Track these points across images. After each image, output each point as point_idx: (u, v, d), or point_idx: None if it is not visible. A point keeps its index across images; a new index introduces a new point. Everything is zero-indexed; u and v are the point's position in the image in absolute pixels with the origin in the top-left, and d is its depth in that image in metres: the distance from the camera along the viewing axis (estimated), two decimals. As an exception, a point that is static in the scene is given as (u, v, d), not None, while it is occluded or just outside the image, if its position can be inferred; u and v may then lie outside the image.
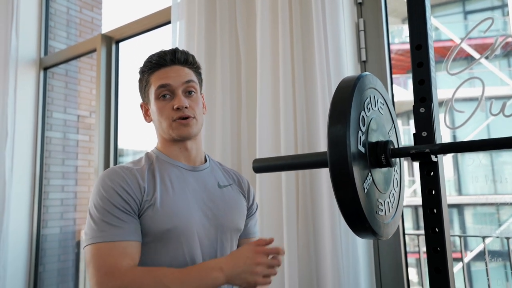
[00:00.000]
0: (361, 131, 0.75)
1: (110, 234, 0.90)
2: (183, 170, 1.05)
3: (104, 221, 0.91)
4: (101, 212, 0.92)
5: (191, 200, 1.01)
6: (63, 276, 3.04)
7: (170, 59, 1.04)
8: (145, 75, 1.07)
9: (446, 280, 0.76)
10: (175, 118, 1.02)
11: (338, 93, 0.76)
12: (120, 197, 0.93)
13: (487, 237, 1.94)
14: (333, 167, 0.69)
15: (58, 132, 3.09)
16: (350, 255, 1.38)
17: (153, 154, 1.07)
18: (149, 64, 1.06)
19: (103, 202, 0.93)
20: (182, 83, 1.03)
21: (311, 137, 1.47)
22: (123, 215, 0.93)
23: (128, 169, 0.99)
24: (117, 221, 0.92)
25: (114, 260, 0.88)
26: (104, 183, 0.95)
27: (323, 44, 1.45)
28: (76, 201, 3.21)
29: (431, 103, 0.82)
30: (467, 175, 6.95)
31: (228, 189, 1.11)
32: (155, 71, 1.05)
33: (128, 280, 0.86)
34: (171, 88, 1.02)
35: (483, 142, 0.72)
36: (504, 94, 5.76)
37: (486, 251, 1.88)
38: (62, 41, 3.17)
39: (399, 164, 0.96)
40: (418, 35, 0.85)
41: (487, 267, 1.63)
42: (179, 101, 1.01)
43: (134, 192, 0.95)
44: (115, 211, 0.92)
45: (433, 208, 0.79)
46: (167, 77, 1.03)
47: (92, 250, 0.90)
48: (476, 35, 1.38)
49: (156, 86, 1.03)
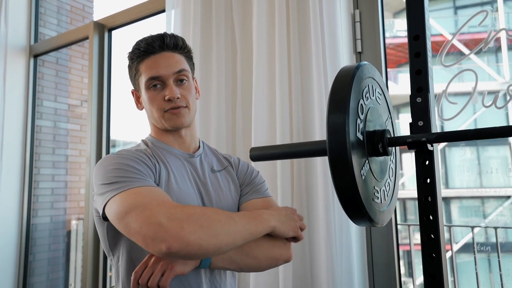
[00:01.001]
0: (360, 119, 0.76)
1: (139, 182, 0.84)
2: (180, 157, 1.03)
3: (121, 175, 0.85)
4: (119, 172, 0.86)
5: (189, 186, 1.00)
6: (53, 266, 3.03)
7: (159, 46, 1.00)
8: (134, 62, 1.03)
9: (440, 266, 0.78)
10: (167, 109, 0.99)
11: (338, 81, 0.76)
12: (136, 162, 0.90)
13: (476, 226, 1.98)
14: (332, 154, 0.71)
15: (48, 121, 3.05)
16: (343, 243, 1.40)
17: (149, 141, 1.05)
18: (137, 51, 1.01)
19: (120, 167, 0.88)
20: (173, 73, 1.00)
21: (306, 126, 1.48)
22: (145, 170, 0.89)
23: (137, 150, 0.97)
24: (138, 173, 0.87)
25: (154, 198, 0.80)
26: (111, 160, 0.91)
27: (319, 35, 1.45)
28: (66, 191, 3.18)
29: (427, 93, 0.83)
30: (454, 169, 7.07)
31: (221, 173, 1.09)
32: (144, 59, 1.00)
33: (189, 211, 0.78)
34: (162, 79, 0.99)
35: (478, 131, 0.74)
36: (492, 89, 5.85)
37: (475, 241, 1.92)
38: (52, 28, 3.12)
39: (395, 155, 0.97)
40: (416, 26, 0.86)
41: (475, 255, 1.67)
42: (170, 92, 0.98)
43: (149, 166, 0.92)
44: (140, 168, 0.88)
45: (428, 196, 0.81)
46: (158, 68, 0.99)
47: (114, 201, 0.82)
48: (466, 31, 1.41)
49: (147, 77, 0.99)
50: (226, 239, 0.79)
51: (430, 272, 0.78)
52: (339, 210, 1.41)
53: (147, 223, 0.75)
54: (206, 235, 0.76)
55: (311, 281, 1.43)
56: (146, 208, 0.77)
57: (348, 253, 1.40)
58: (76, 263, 3.17)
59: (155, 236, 0.74)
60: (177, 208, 0.79)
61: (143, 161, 0.93)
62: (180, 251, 0.74)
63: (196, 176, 1.03)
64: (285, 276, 1.44)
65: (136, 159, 0.92)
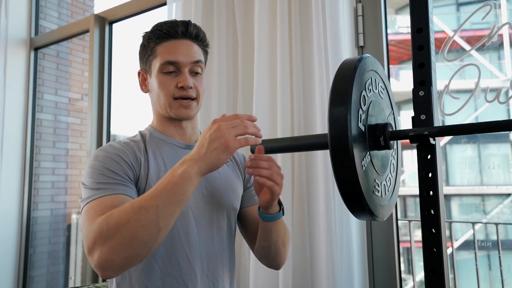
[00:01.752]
0: (362, 112, 0.76)
1: (103, 190, 0.84)
2: (177, 148, 1.00)
3: (98, 182, 0.85)
4: (94, 176, 0.87)
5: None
6: (53, 259, 3.04)
7: (181, 32, 0.97)
8: (151, 43, 0.99)
9: (440, 260, 0.78)
10: (177, 96, 0.97)
11: (340, 73, 0.76)
12: (116, 163, 0.88)
13: (477, 222, 1.97)
14: (333, 145, 0.70)
15: (49, 114, 3.05)
16: (344, 238, 1.40)
17: (147, 131, 1.03)
18: (158, 32, 0.98)
19: (98, 169, 0.87)
20: (190, 62, 0.97)
21: (307, 120, 1.47)
22: (119, 177, 0.87)
23: (125, 143, 0.95)
24: (112, 180, 0.86)
25: (100, 212, 0.81)
26: (99, 155, 0.91)
27: (321, 28, 1.44)
28: (67, 184, 3.19)
29: (430, 86, 0.83)
30: (455, 166, 7.06)
31: (223, 167, 1.05)
32: (163, 42, 0.97)
33: (110, 221, 0.76)
34: (178, 65, 0.97)
35: (481, 125, 0.73)
36: (494, 87, 5.83)
37: (476, 237, 1.92)
38: (53, 21, 3.11)
39: (396, 151, 0.96)
40: (420, 18, 0.85)
41: (475, 251, 1.67)
42: (184, 80, 0.96)
43: (132, 162, 0.91)
44: (110, 173, 0.87)
45: (429, 190, 0.80)
46: (176, 53, 0.96)
47: (84, 210, 0.84)
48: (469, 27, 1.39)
49: (163, 60, 0.96)
50: (144, 233, 0.74)
51: (431, 266, 0.78)
52: (339, 205, 1.40)
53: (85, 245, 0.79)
54: (122, 252, 0.73)
55: (311, 277, 1.43)
56: (84, 229, 0.80)
57: (349, 248, 1.39)
58: (76, 257, 3.17)
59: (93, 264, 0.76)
60: (101, 227, 0.76)
61: (123, 158, 0.90)
62: (112, 274, 0.76)
63: None
64: (285, 270, 1.44)
65: (118, 156, 0.90)
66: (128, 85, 2.58)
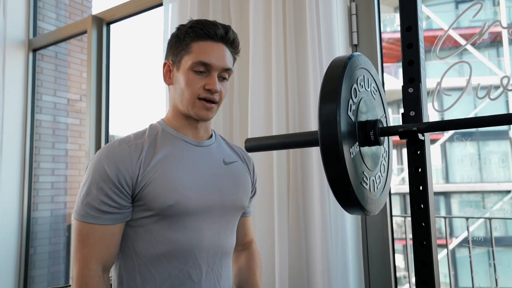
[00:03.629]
0: (352, 108, 0.77)
1: (92, 217, 0.91)
2: (188, 145, 1.01)
3: (90, 203, 0.91)
4: (89, 192, 0.92)
5: (195, 175, 0.98)
6: (54, 259, 3.05)
7: (220, 35, 0.98)
8: (188, 38, 0.98)
9: (430, 253, 0.79)
10: (202, 97, 0.97)
11: (330, 71, 0.77)
12: (112, 182, 0.92)
13: (471, 218, 1.99)
14: (323, 144, 0.71)
15: (48, 115, 3.06)
16: (339, 234, 1.41)
17: (159, 126, 1.03)
18: (198, 30, 0.97)
19: (94, 184, 0.92)
20: (222, 67, 0.98)
21: (302, 117, 1.49)
22: (111, 201, 0.92)
23: (128, 145, 0.96)
24: (102, 206, 0.91)
25: (88, 254, 0.91)
26: (101, 164, 0.93)
27: (315, 27, 1.46)
28: (66, 185, 3.20)
29: (419, 83, 0.84)
30: (455, 164, 7.07)
31: (234, 165, 1.08)
32: (200, 40, 0.97)
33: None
34: (210, 68, 0.97)
35: (468, 120, 0.75)
36: (492, 84, 5.84)
37: (469, 231, 1.94)
38: (51, 23, 3.13)
39: (388, 153, 0.98)
40: (409, 17, 0.87)
41: (469, 245, 1.69)
42: (213, 84, 0.97)
43: (129, 172, 0.93)
44: (103, 197, 0.91)
45: (419, 185, 0.82)
46: (211, 55, 0.97)
47: (76, 226, 0.93)
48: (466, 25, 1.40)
49: (197, 59, 0.96)
50: None
51: (421, 259, 0.80)
52: (334, 202, 1.42)
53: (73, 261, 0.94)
54: None
55: (307, 273, 1.45)
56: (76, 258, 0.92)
57: (344, 245, 1.41)
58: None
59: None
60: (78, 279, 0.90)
61: (121, 171, 0.93)
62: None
63: (204, 165, 1.02)
64: (281, 267, 1.46)
65: (116, 170, 0.92)
66: (126, 85, 2.59)
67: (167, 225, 0.94)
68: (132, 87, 3.41)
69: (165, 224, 0.94)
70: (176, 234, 0.94)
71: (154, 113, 3.50)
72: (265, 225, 1.55)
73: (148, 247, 0.94)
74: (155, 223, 0.94)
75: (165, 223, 0.94)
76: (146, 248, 0.95)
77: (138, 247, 0.95)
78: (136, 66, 3.75)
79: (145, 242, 0.95)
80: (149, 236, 0.94)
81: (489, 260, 2.17)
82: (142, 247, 0.95)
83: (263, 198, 1.54)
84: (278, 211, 1.48)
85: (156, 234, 0.94)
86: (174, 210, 0.93)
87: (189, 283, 0.95)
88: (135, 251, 0.95)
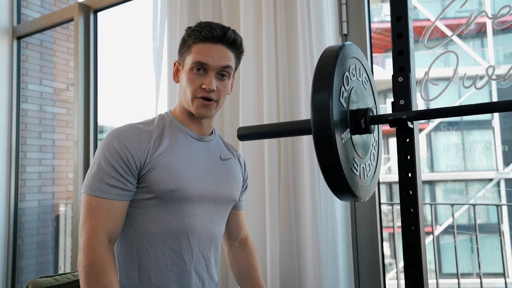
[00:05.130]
0: (344, 97, 0.79)
1: (102, 191, 0.97)
2: (191, 138, 1.10)
3: (101, 177, 0.98)
4: (101, 168, 0.98)
5: (195, 166, 1.07)
6: (42, 249, 3.04)
7: (217, 37, 1.04)
8: (190, 40, 1.06)
9: (418, 237, 0.82)
10: (199, 96, 1.04)
11: (322, 60, 0.78)
12: (122, 160, 0.99)
13: (455, 204, 2.05)
14: (316, 131, 0.73)
15: (34, 105, 3.02)
16: (329, 221, 1.44)
17: (167, 117, 1.11)
18: (198, 33, 1.05)
19: (105, 161, 0.99)
20: (219, 66, 1.04)
21: (293, 106, 1.50)
22: (120, 177, 0.99)
23: (138, 130, 1.04)
24: (113, 181, 0.98)
25: (95, 225, 0.96)
26: (112, 143, 1.00)
27: (305, 16, 1.47)
28: (54, 175, 3.17)
29: (409, 72, 0.86)
30: (439, 153, 7.20)
31: (229, 162, 1.17)
32: (199, 42, 1.05)
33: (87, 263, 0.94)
34: (207, 67, 1.04)
35: (456, 109, 0.77)
36: (477, 74, 5.93)
37: (454, 217, 2.00)
38: (35, 10, 3.06)
39: (377, 142, 1.00)
40: (399, 7, 0.88)
41: (454, 231, 1.74)
42: (209, 83, 1.03)
43: (138, 154, 1.00)
44: (113, 172, 0.98)
45: (408, 172, 0.84)
46: (208, 56, 1.03)
47: (85, 199, 0.98)
48: (453, 15, 1.42)
49: (195, 59, 1.04)
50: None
51: (409, 243, 0.82)
52: (324, 191, 1.44)
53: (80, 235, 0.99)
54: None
55: (298, 260, 1.48)
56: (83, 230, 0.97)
57: (334, 233, 1.44)
58: (66, 247, 3.18)
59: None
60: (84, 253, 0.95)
61: (131, 152, 1.00)
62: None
63: (204, 158, 1.10)
64: (273, 256, 1.48)
65: (127, 151, 1.00)
66: (115, 74, 2.56)
67: (165, 208, 1.02)
68: (121, 76, 3.37)
69: (164, 207, 1.02)
70: (172, 217, 1.03)
71: (143, 102, 3.47)
72: (256, 214, 1.57)
73: (146, 227, 1.02)
74: (155, 205, 1.02)
75: (164, 206, 1.02)
76: (144, 227, 1.03)
77: (137, 226, 1.03)
78: (124, 55, 3.69)
79: (144, 222, 1.03)
80: (148, 217, 1.02)
81: (471, 245, 2.23)
82: (141, 226, 1.03)
83: (255, 188, 1.56)
84: (269, 200, 1.50)
85: (154, 215, 1.02)
86: (173, 194, 1.02)
87: (181, 264, 1.03)
88: (134, 229, 1.03)
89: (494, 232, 3.46)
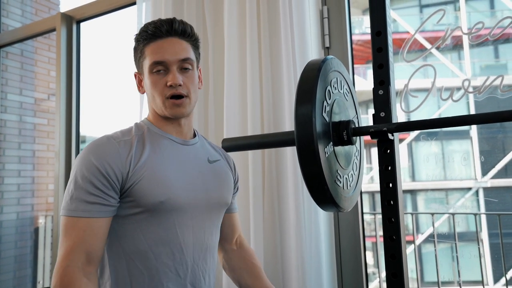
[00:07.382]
0: (326, 104, 0.80)
1: (80, 211, 0.90)
2: (175, 143, 1.03)
3: (79, 196, 0.91)
4: (78, 186, 0.91)
5: (183, 173, 1.00)
6: (20, 263, 2.95)
7: (166, 30, 0.99)
8: (140, 45, 1.02)
9: (399, 247, 0.84)
10: (168, 96, 0.99)
11: (305, 74, 0.80)
12: (101, 175, 0.92)
13: (436, 213, 2.10)
14: (300, 143, 0.74)
15: (13, 115, 2.96)
16: (312, 231, 1.45)
17: (144, 125, 1.04)
18: (144, 34, 1.00)
19: (82, 178, 0.92)
20: (178, 60, 0.99)
21: (276, 118, 1.52)
22: (100, 193, 0.91)
23: (116, 141, 0.97)
24: (91, 198, 0.91)
25: (71, 245, 0.89)
26: (88, 158, 0.93)
27: (289, 30, 1.49)
28: (34, 187, 3.10)
29: (389, 86, 0.89)
30: (420, 163, 7.33)
31: (217, 164, 1.11)
32: (150, 43, 1.00)
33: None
34: (166, 64, 0.99)
35: (434, 121, 0.80)
36: (455, 86, 6.10)
37: (434, 226, 2.04)
38: (16, 19, 3.02)
39: (359, 152, 1.02)
40: (378, 22, 0.91)
41: (435, 239, 1.77)
42: (173, 78, 0.98)
43: (119, 167, 0.93)
44: (92, 189, 0.91)
45: (389, 182, 0.87)
46: (163, 53, 0.98)
47: (62, 222, 0.92)
48: (431, 28, 1.47)
49: (151, 61, 0.99)
50: None
51: (390, 252, 0.84)
52: (308, 201, 1.46)
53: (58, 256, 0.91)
54: None
55: (282, 268, 1.48)
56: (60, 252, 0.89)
57: (317, 241, 1.45)
58: (45, 260, 3.10)
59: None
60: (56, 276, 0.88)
61: (111, 166, 0.93)
62: None
63: (191, 163, 1.04)
64: (257, 265, 1.48)
65: (106, 165, 0.92)
66: (97, 84, 2.54)
67: (155, 221, 0.96)
68: (104, 86, 3.34)
69: (153, 220, 0.95)
70: (163, 230, 0.96)
71: (126, 113, 3.44)
72: (240, 223, 1.57)
73: (136, 243, 0.95)
74: (144, 219, 0.95)
75: (153, 220, 0.95)
76: (134, 244, 0.95)
77: (126, 243, 0.96)
78: (107, 65, 3.66)
79: (133, 238, 0.96)
80: (137, 233, 0.95)
81: (452, 253, 2.28)
82: (130, 243, 0.96)
83: (239, 198, 1.56)
84: (254, 210, 1.51)
85: (145, 230, 0.95)
86: (164, 206, 0.95)
87: (176, 279, 0.97)
88: (123, 248, 0.96)
89: (473, 240, 3.54)
